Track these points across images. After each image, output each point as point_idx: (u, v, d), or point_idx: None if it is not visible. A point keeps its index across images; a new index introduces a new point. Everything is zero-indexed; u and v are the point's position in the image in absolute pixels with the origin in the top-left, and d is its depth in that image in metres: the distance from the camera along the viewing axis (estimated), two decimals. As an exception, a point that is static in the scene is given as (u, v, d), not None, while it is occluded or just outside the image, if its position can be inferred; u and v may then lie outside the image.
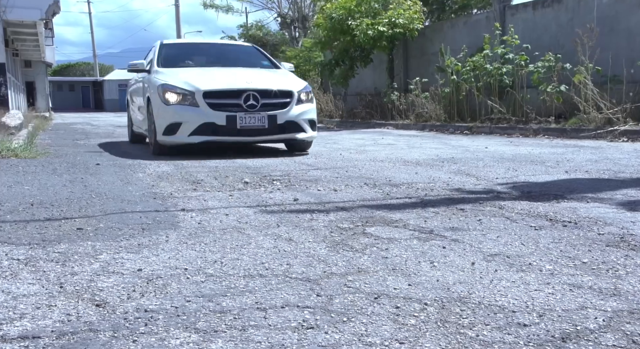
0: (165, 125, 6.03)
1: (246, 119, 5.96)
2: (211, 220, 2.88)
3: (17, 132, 9.26)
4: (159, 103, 6.16)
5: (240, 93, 6.02)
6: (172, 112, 6.01)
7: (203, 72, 6.78)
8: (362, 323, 1.58)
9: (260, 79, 6.44)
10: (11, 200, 3.33)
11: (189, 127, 5.94)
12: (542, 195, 3.53)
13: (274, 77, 6.75)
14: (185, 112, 5.98)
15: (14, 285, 1.87)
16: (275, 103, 6.18)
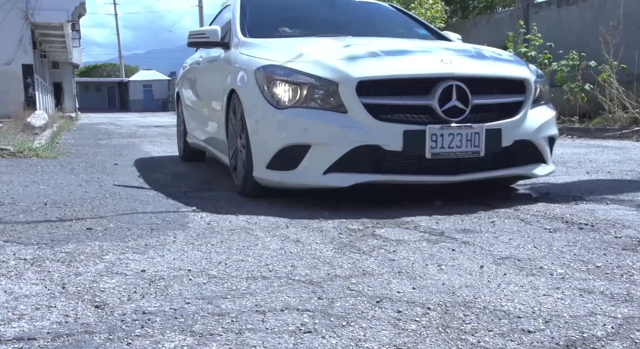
0: (275, 149, 3.09)
1: (445, 138, 3.00)
2: (220, 220, 2.87)
3: (41, 132, 9.41)
4: (259, 104, 3.21)
5: (433, 84, 3.06)
6: (289, 123, 3.08)
7: (332, 44, 3.58)
8: (362, 327, 1.54)
9: (460, 59, 3.36)
10: (25, 200, 3.37)
11: (326, 155, 3.01)
12: (560, 196, 3.45)
13: None
14: (319, 123, 3.02)
15: (17, 285, 1.88)
16: (495, 106, 3.22)
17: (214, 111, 4.20)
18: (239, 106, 3.47)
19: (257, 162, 3.24)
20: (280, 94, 3.15)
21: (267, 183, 3.28)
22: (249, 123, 3.28)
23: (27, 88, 17.48)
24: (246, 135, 3.32)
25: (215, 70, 4.32)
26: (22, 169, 4.77)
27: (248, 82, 3.36)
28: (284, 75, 3.17)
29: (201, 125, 4.80)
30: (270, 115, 3.15)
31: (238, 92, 3.46)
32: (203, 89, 4.77)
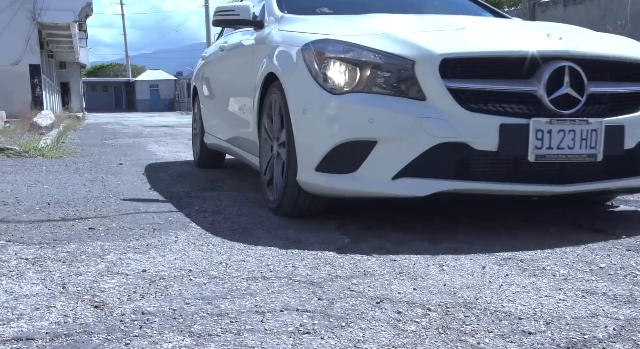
0: (329, 146, 2.52)
1: (553, 136, 2.40)
2: (222, 220, 2.87)
3: (47, 132, 9.45)
4: (307, 90, 2.62)
5: (539, 64, 2.45)
6: (349, 112, 2.49)
7: (398, 18, 3.09)
8: (361, 328, 1.53)
9: (571, 34, 2.84)
10: (29, 199, 3.38)
11: (396, 154, 2.43)
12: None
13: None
14: (389, 112, 2.44)
15: (18, 284, 1.88)
16: (612, 96, 2.59)
17: (243, 105, 3.59)
18: (278, 94, 2.82)
19: (303, 162, 2.60)
20: (336, 76, 2.51)
21: (315, 190, 2.62)
22: (294, 114, 2.64)
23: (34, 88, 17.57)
24: (288, 129, 2.70)
25: (244, 55, 3.61)
26: (26, 169, 4.78)
27: (292, 63, 2.72)
28: (341, 51, 2.52)
29: (224, 122, 4.11)
30: (323, 103, 2.51)
31: (279, 75, 2.81)
32: (228, 79, 4.09)
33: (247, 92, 3.40)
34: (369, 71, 2.47)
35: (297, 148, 2.65)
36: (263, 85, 3.05)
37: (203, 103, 4.87)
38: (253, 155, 3.46)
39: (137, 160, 5.80)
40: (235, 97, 3.80)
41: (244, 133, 3.63)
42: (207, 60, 4.89)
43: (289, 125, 2.71)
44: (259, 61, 3.18)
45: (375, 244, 2.38)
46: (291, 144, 2.68)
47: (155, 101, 45.39)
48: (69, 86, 30.02)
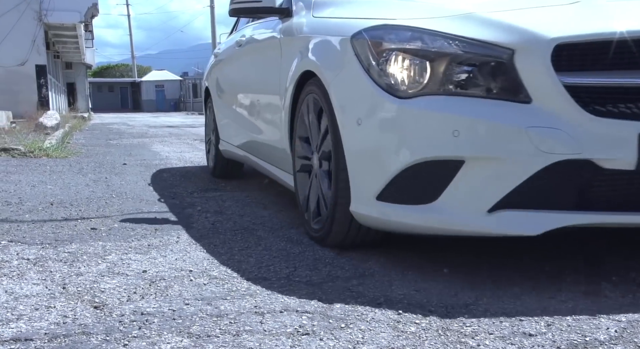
0: (396, 167, 1.91)
1: None
2: (224, 220, 2.87)
3: (52, 132, 9.48)
4: (361, 92, 2.03)
5: None
6: (423, 122, 1.88)
7: None
8: (360, 329, 1.53)
9: None
10: (32, 199, 3.38)
11: (494, 178, 1.80)
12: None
13: None
14: (481, 121, 1.81)
15: (19, 285, 1.88)
16: None
17: (267, 109, 3.03)
18: (319, 96, 2.27)
19: (358, 188, 2.04)
20: (402, 74, 1.90)
21: (376, 224, 2.06)
22: (345, 125, 2.07)
23: (40, 88, 17.66)
24: (336, 145, 2.12)
25: (268, 50, 3.04)
26: (31, 169, 4.80)
27: (339, 58, 2.16)
28: (407, 40, 1.92)
29: (244, 128, 3.54)
30: (386, 110, 1.91)
31: (319, 74, 2.25)
32: (247, 80, 3.49)
33: (272, 95, 2.87)
34: (448, 65, 1.85)
35: (349, 169, 2.06)
36: (297, 85, 2.51)
37: (217, 107, 4.30)
38: (281, 169, 2.91)
39: (141, 160, 5.81)
40: (257, 100, 3.25)
41: (269, 143, 3.05)
42: (220, 57, 4.31)
43: (336, 139, 2.13)
44: (288, 57, 2.64)
45: (377, 246, 2.37)
46: (340, 163, 2.10)
47: (160, 101, 45.52)
48: (75, 86, 30.14)
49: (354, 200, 2.08)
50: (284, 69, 2.70)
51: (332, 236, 2.26)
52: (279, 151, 2.87)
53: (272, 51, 2.93)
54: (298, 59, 2.52)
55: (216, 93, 4.36)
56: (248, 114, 3.45)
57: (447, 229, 1.89)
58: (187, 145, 7.94)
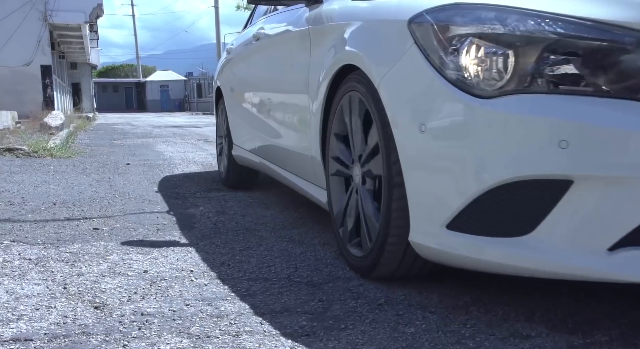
0: (477, 189, 1.47)
1: None
2: (226, 221, 2.87)
3: (57, 132, 9.51)
4: (427, 90, 1.59)
5: None
6: (514, 129, 1.42)
7: None
8: (360, 331, 1.52)
9: None
10: (35, 199, 3.39)
11: (615, 206, 1.34)
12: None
13: None
14: (595, 128, 1.34)
15: (20, 285, 1.89)
16: None
17: (293, 109, 2.64)
18: (363, 96, 1.89)
19: (421, 213, 1.64)
20: (479, 66, 1.48)
21: (442, 258, 1.64)
22: (401, 131, 1.68)
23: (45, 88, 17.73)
24: (388, 154, 1.74)
25: (294, 42, 2.63)
26: (34, 169, 4.81)
27: (392, 48, 1.74)
28: (487, 21, 1.50)
29: (262, 133, 3.15)
30: (459, 112, 1.51)
31: (365, 68, 1.85)
32: (269, 76, 3.06)
33: (298, 94, 2.50)
34: (545, 54, 1.41)
35: (409, 188, 1.65)
36: (331, 82, 2.14)
37: (231, 109, 3.90)
38: (308, 181, 2.55)
39: (144, 160, 5.82)
40: (279, 101, 2.89)
41: (293, 150, 2.67)
42: (234, 54, 3.90)
43: (389, 149, 1.73)
44: (319, 49, 2.29)
45: (379, 245, 2.37)
46: (395, 179, 1.71)
47: (165, 101, 45.62)
48: (80, 86, 30.24)
49: (414, 227, 1.66)
50: (314, 64, 2.33)
51: (380, 268, 1.84)
52: (304, 159, 2.49)
53: (298, 44, 2.55)
54: (334, 51, 2.13)
55: (229, 94, 3.98)
56: (267, 116, 3.07)
57: (547, 271, 1.44)
58: (191, 145, 7.95)
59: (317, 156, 2.31)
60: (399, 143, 1.68)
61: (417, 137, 1.61)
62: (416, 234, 1.66)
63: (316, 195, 2.43)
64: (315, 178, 2.42)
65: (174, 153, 6.62)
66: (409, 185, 1.66)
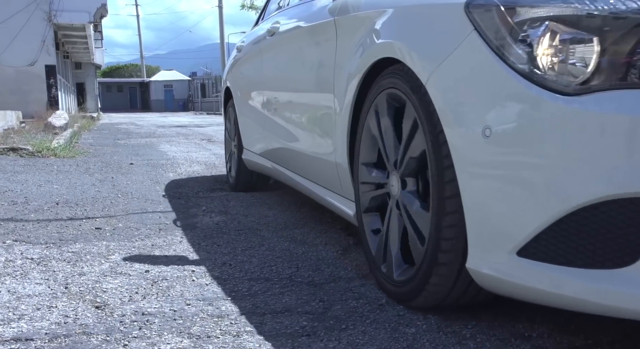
0: (560, 210, 1.19)
1: None
2: (229, 220, 2.87)
3: (61, 132, 9.54)
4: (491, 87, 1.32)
5: None
6: (612, 136, 1.13)
7: None
8: (361, 331, 1.52)
9: None
10: (38, 199, 3.40)
11: None
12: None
13: None
14: None
15: (22, 284, 1.89)
16: None
17: (315, 110, 2.37)
18: (405, 94, 1.63)
19: (482, 234, 1.37)
20: (560, 56, 1.24)
21: (509, 290, 1.36)
22: (457, 136, 1.40)
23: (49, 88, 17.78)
24: (438, 163, 1.48)
25: (316, 35, 2.39)
26: (38, 168, 4.82)
27: (444, 35, 1.49)
28: (569, 2, 1.25)
29: (276, 135, 2.94)
30: (537, 113, 1.25)
31: (409, 61, 1.58)
32: (285, 74, 2.82)
33: (320, 93, 2.27)
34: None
35: (466, 204, 1.38)
36: (364, 80, 1.89)
37: (241, 110, 3.68)
38: (331, 190, 2.31)
39: (148, 160, 5.83)
40: (298, 101, 2.64)
41: (313, 155, 2.41)
42: (246, 51, 3.67)
43: (439, 157, 1.46)
44: (348, 42, 2.03)
45: (380, 245, 2.37)
46: (446, 190, 1.45)
47: (169, 101, 45.71)
48: (84, 86, 30.32)
49: (473, 252, 1.38)
50: (341, 59, 2.08)
51: (425, 296, 1.58)
52: (327, 166, 2.24)
53: (321, 38, 2.31)
54: (366, 44, 1.86)
55: (239, 94, 3.76)
56: (283, 118, 2.83)
57: None
58: (194, 145, 7.95)
59: (344, 162, 2.05)
60: (454, 149, 1.40)
61: (479, 142, 1.32)
62: (475, 259, 1.37)
63: (342, 206, 2.17)
64: (340, 187, 2.16)
65: (177, 153, 6.63)
66: (468, 200, 1.37)
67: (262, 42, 3.26)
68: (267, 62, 3.16)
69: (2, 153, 5.78)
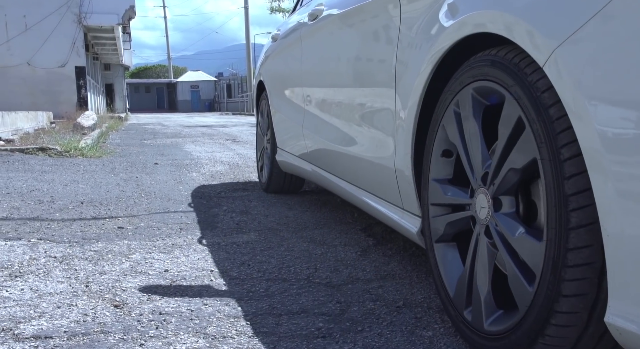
0: None
1: None
2: (249, 221, 2.87)
3: (89, 132, 9.70)
4: None
5: None
6: None
7: None
8: (377, 333, 1.51)
9: None
10: (64, 198, 3.46)
11: None
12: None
13: None
14: None
15: (44, 282, 1.92)
16: None
17: (369, 106, 2.00)
18: (509, 86, 1.23)
19: (636, 281, 0.94)
20: None
21: None
22: (595, 138, 0.98)
23: (79, 89, 18.12)
24: (555, 178, 1.09)
25: (371, 13, 1.99)
26: (65, 168, 4.91)
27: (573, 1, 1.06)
28: None
29: (319, 134, 2.61)
30: None
31: (518, 36, 1.18)
32: (332, 64, 2.43)
33: (376, 87, 1.92)
34: None
35: (609, 241, 0.99)
36: (437, 66, 1.52)
37: (276, 106, 3.38)
38: (388, 201, 1.94)
39: (173, 160, 5.89)
40: (347, 96, 2.23)
41: (367, 159, 2.04)
42: (283, 40, 3.31)
43: (557, 167, 1.09)
44: (417, 20, 1.64)
45: (400, 246, 2.35)
46: (570, 218, 1.07)
47: (195, 102, 46.18)
48: (113, 87, 30.81)
49: (616, 303, 0.99)
50: (406, 42, 1.69)
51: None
52: (384, 172, 1.87)
53: (379, 17, 1.92)
54: (443, 20, 1.48)
55: (274, 88, 3.41)
56: (327, 115, 2.49)
57: None
58: (219, 145, 8.01)
59: (407, 170, 1.69)
60: (592, 155, 0.99)
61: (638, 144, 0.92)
62: (620, 313, 0.98)
63: (401, 220, 1.82)
64: (399, 198, 1.80)
65: (201, 153, 6.68)
66: (613, 229, 0.97)
67: (301, 29, 2.87)
68: (308, 51, 2.76)
69: (32, 153, 5.90)
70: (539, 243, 1.15)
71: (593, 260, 1.05)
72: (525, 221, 1.26)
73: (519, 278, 1.21)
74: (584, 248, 1.06)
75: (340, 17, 2.33)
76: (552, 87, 1.10)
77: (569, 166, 1.07)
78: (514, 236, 1.23)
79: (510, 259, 1.24)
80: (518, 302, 1.22)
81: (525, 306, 1.18)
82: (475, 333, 1.35)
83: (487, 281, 1.31)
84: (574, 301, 1.08)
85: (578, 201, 1.06)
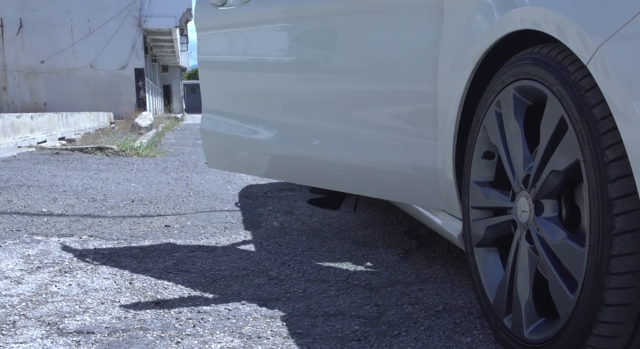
0: None
1: None
2: (293, 221, 2.88)
3: (145, 132, 9.98)
4: None
5: None
6: None
7: None
8: (414, 338, 1.47)
9: None
10: (116, 196, 3.56)
11: None
12: None
13: None
14: None
15: (91, 278, 1.98)
16: None
17: (403, 105, 1.80)
18: (552, 85, 1.17)
19: None
20: None
21: None
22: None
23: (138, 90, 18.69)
24: (599, 182, 1.05)
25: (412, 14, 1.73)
26: (119, 167, 5.06)
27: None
28: None
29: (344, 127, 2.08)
30: None
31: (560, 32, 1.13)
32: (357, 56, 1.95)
33: (415, 83, 1.72)
34: None
35: None
36: (481, 61, 1.44)
37: None
38: (429, 211, 1.93)
39: (223, 159, 5.97)
40: (367, 90, 1.92)
41: (409, 164, 1.79)
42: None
43: (601, 171, 1.05)
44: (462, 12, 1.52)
45: (444, 249, 2.30)
46: (615, 224, 1.02)
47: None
48: (170, 88, 31.63)
49: None
50: (450, 36, 1.57)
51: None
52: (424, 175, 1.73)
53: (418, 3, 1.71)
54: (492, 12, 1.39)
55: None
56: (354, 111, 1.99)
57: None
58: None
59: (448, 173, 1.62)
60: (635, 159, 0.97)
61: None
62: None
63: (442, 223, 1.80)
64: (440, 199, 1.71)
65: (252, 153, 6.75)
66: None
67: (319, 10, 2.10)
68: (321, 39, 2.11)
69: (90, 152, 6.11)
70: (582, 249, 1.11)
71: (639, 268, 1.01)
72: (568, 227, 1.22)
73: (561, 285, 1.17)
74: (629, 255, 1.01)
75: (365, 6, 1.92)
76: (596, 85, 1.06)
77: (614, 168, 1.03)
78: (555, 242, 1.19)
79: (551, 265, 1.20)
80: (559, 310, 1.18)
81: (567, 315, 1.14)
82: (515, 341, 1.31)
83: (528, 287, 1.27)
84: (618, 311, 1.04)
85: (623, 206, 1.01)
